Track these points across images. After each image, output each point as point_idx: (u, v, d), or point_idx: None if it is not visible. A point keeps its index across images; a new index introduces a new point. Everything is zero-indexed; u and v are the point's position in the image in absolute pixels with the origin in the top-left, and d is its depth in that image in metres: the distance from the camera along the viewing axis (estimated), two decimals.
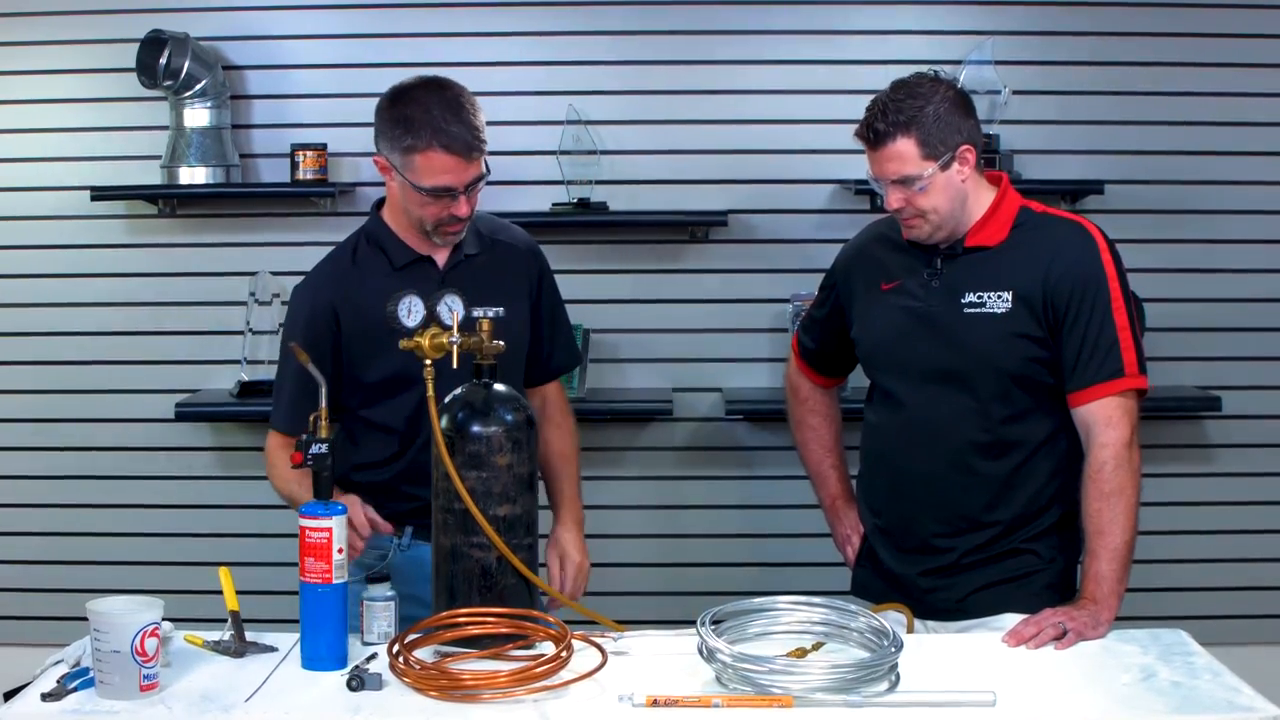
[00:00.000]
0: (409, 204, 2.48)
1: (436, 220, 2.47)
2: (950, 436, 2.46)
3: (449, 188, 2.42)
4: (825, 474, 2.77)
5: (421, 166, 2.41)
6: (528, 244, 2.68)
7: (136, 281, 3.79)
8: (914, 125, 2.38)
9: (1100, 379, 2.38)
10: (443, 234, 2.50)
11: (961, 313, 2.44)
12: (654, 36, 3.75)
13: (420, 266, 2.54)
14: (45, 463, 3.82)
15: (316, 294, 2.55)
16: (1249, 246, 3.79)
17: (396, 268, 2.53)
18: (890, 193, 2.42)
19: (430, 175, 2.41)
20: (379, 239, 2.57)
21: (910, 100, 2.38)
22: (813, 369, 2.78)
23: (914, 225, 2.44)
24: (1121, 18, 3.74)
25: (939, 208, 2.41)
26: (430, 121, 2.39)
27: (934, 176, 2.39)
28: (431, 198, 2.43)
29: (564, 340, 2.74)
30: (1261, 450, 3.84)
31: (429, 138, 2.39)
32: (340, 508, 2.10)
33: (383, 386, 2.51)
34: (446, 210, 2.45)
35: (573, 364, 2.79)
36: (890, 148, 2.39)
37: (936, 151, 2.38)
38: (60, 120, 3.77)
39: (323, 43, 3.76)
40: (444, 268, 2.55)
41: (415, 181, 2.42)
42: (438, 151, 2.39)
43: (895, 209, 2.43)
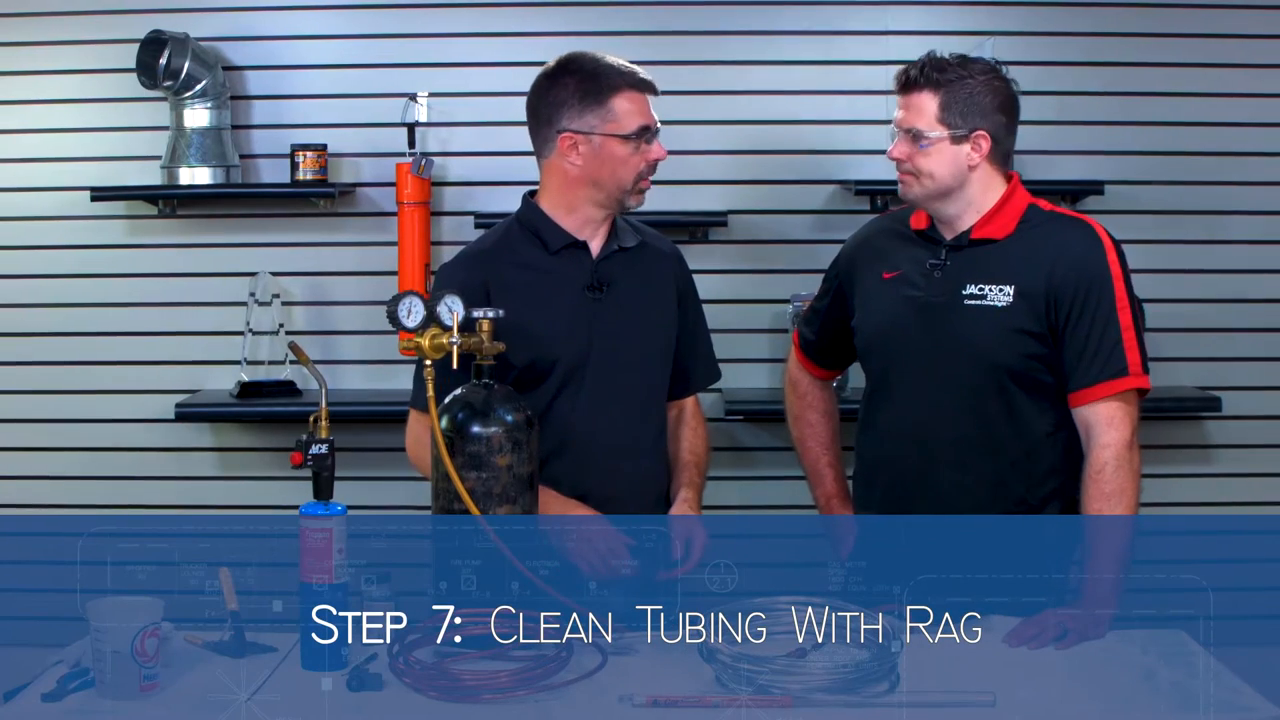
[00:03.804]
0: (609, 167, 2.48)
1: (638, 173, 2.49)
2: (944, 431, 2.46)
3: (648, 127, 2.47)
4: (821, 471, 2.77)
5: (621, 111, 2.46)
6: (672, 249, 2.70)
7: (136, 282, 3.79)
8: (943, 88, 2.44)
9: (1103, 378, 2.39)
10: (638, 192, 2.52)
11: (961, 304, 2.45)
12: (655, 37, 3.74)
13: (574, 253, 2.53)
14: (45, 463, 3.82)
15: (470, 272, 2.52)
16: (1249, 247, 3.79)
17: (551, 251, 2.52)
18: (898, 141, 2.47)
19: (631, 117, 2.46)
20: (533, 224, 2.55)
21: (955, 68, 2.45)
22: (812, 361, 2.78)
23: (906, 183, 2.49)
24: (1121, 18, 3.74)
25: (935, 174, 2.44)
26: (610, 69, 2.47)
27: (940, 142, 2.42)
28: (634, 145, 2.46)
29: (705, 353, 2.71)
30: (1261, 450, 3.83)
31: (618, 81, 2.46)
32: (340, 508, 2.10)
33: (523, 373, 2.47)
34: (645, 158, 2.48)
35: (714, 379, 2.74)
36: (913, 96, 2.45)
37: (953, 122, 2.43)
38: (60, 120, 3.76)
39: (323, 43, 3.75)
40: (598, 256, 2.54)
41: (619, 130, 2.46)
42: (632, 91, 2.47)
43: (895, 158, 2.48)
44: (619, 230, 2.58)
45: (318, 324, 3.78)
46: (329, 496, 2.13)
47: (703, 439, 2.69)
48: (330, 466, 2.13)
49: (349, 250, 3.78)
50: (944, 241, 2.50)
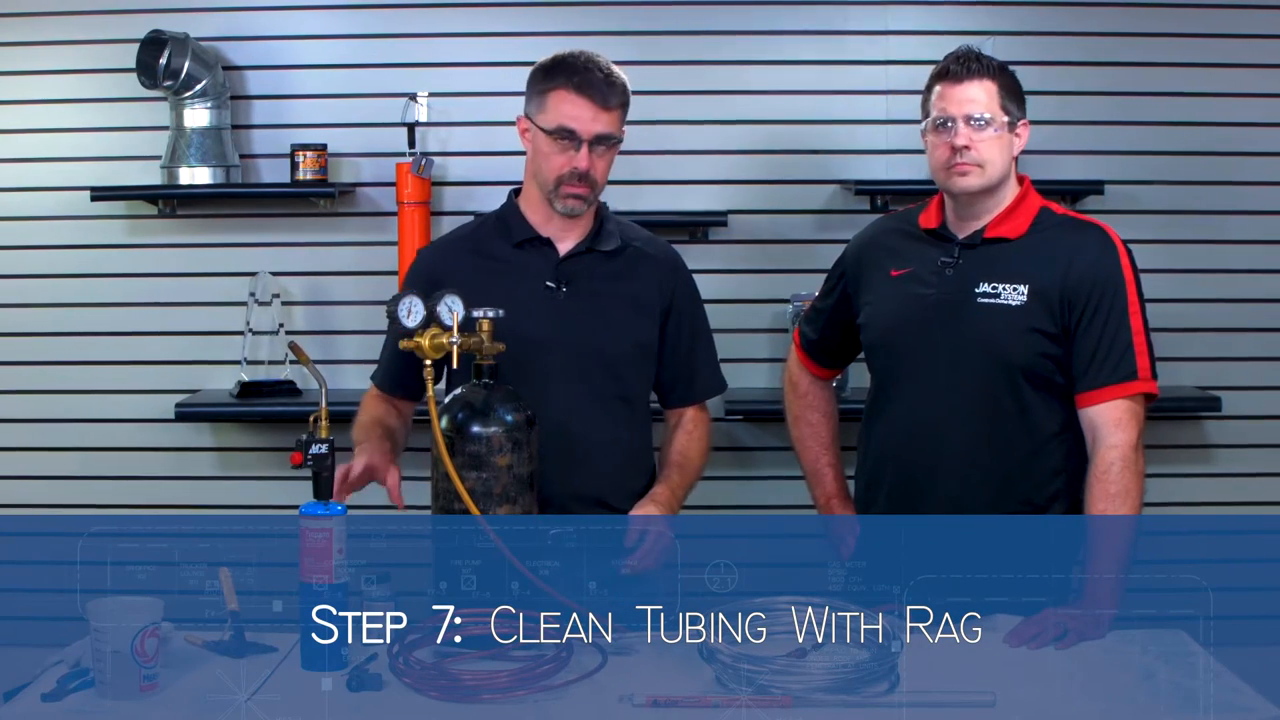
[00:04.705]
0: (536, 160, 2.48)
1: (558, 176, 2.44)
2: (953, 429, 2.46)
3: (571, 130, 2.42)
4: (821, 471, 2.77)
5: (551, 105, 2.44)
6: (668, 257, 2.65)
7: (136, 281, 3.78)
8: (1000, 75, 2.47)
9: (1113, 381, 2.39)
10: (563, 197, 2.46)
11: (975, 301, 2.45)
12: (654, 36, 3.74)
13: (538, 248, 2.53)
14: (45, 463, 3.82)
15: (430, 260, 2.58)
16: (1249, 247, 3.79)
17: (514, 243, 2.52)
18: (959, 130, 2.45)
19: (556, 115, 2.43)
20: (505, 216, 2.57)
21: (994, 60, 2.48)
22: (813, 360, 2.78)
23: (967, 171, 2.46)
24: (1121, 18, 3.74)
25: (995, 162, 2.46)
26: (568, 65, 2.45)
27: (1003, 128, 2.44)
28: (554, 142, 2.43)
29: (708, 361, 2.67)
30: (1261, 450, 3.83)
31: (563, 78, 2.44)
32: (340, 508, 2.10)
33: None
34: (569, 164, 2.43)
35: (717, 390, 2.70)
36: (976, 83, 2.46)
37: (1010, 109, 2.47)
38: (60, 120, 3.76)
39: (323, 43, 3.75)
40: (565, 254, 2.53)
41: (544, 123, 2.44)
42: (568, 90, 2.43)
43: (962, 145, 2.45)
44: (604, 233, 2.56)
45: (318, 324, 3.77)
46: (329, 496, 2.14)
47: (697, 442, 2.64)
48: (330, 466, 2.14)
49: (349, 250, 3.78)
50: (956, 240, 2.50)
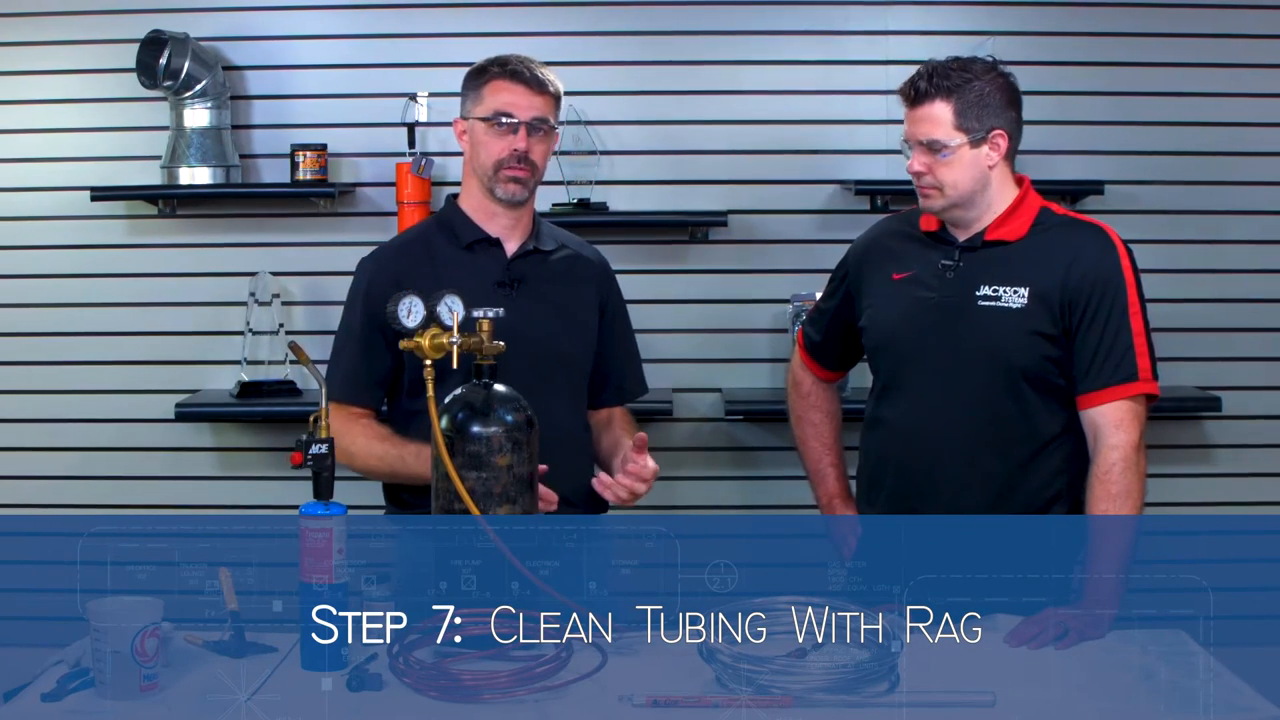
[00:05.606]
0: (475, 151, 2.53)
1: (497, 160, 2.50)
2: (955, 430, 2.46)
3: (509, 113, 2.49)
4: (824, 472, 2.77)
5: (487, 94, 2.51)
6: (600, 261, 2.72)
7: (136, 281, 3.79)
8: (955, 93, 2.41)
9: (1114, 382, 2.39)
10: (503, 181, 2.52)
11: (976, 304, 2.45)
12: (654, 36, 3.75)
13: (487, 249, 2.56)
14: (45, 463, 3.82)
15: (380, 266, 2.58)
16: (1249, 247, 3.79)
17: (463, 245, 2.55)
18: (915, 155, 2.44)
19: (493, 102, 2.50)
20: (450, 220, 2.60)
21: (960, 72, 2.42)
22: (817, 362, 2.78)
23: (929, 195, 2.45)
24: (1121, 18, 3.74)
25: (958, 184, 2.42)
26: (500, 60, 2.54)
27: (960, 149, 2.40)
28: (492, 128, 2.49)
29: (635, 366, 2.76)
30: (1261, 450, 3.84)
31: (496, 69, 2.52)
32: (340, 508, 2.10)
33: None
34: (508, 147, 2.49)
35: (642, 392, 2.79)
36: (926, 108, 2.41)
37: (970, 126, 2.40)
38: (60, 120, 3.77)
39: (323, 43, 3.76)
40: (512, 254, 2.57)
41: (482, 112, 2.51)
42: (503, 79, 2.51)
43: (915, 173, 2.44)
44: (540, 233, 2.62)
45: (318, 324, 3.77)
46: (329, 496, 2.13)
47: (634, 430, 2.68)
48: (330, 466, 2.13)
49: (349, 250, 3.75)
50: (956, 243, 2.50)
